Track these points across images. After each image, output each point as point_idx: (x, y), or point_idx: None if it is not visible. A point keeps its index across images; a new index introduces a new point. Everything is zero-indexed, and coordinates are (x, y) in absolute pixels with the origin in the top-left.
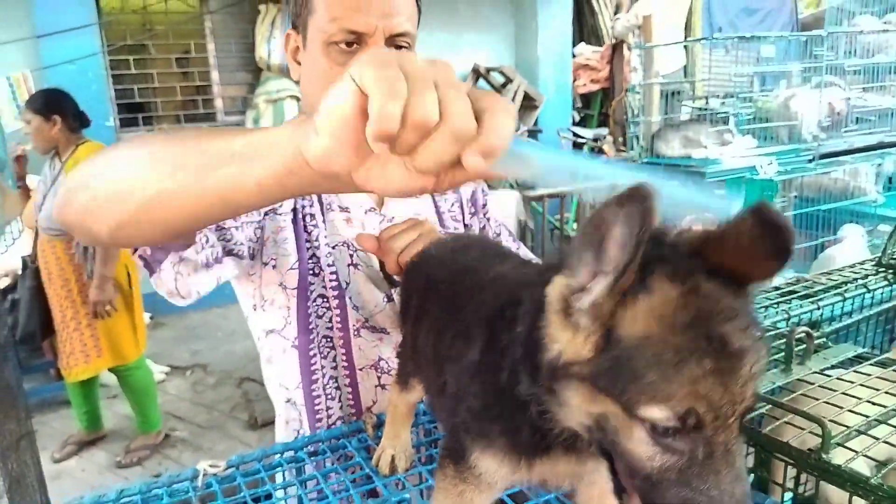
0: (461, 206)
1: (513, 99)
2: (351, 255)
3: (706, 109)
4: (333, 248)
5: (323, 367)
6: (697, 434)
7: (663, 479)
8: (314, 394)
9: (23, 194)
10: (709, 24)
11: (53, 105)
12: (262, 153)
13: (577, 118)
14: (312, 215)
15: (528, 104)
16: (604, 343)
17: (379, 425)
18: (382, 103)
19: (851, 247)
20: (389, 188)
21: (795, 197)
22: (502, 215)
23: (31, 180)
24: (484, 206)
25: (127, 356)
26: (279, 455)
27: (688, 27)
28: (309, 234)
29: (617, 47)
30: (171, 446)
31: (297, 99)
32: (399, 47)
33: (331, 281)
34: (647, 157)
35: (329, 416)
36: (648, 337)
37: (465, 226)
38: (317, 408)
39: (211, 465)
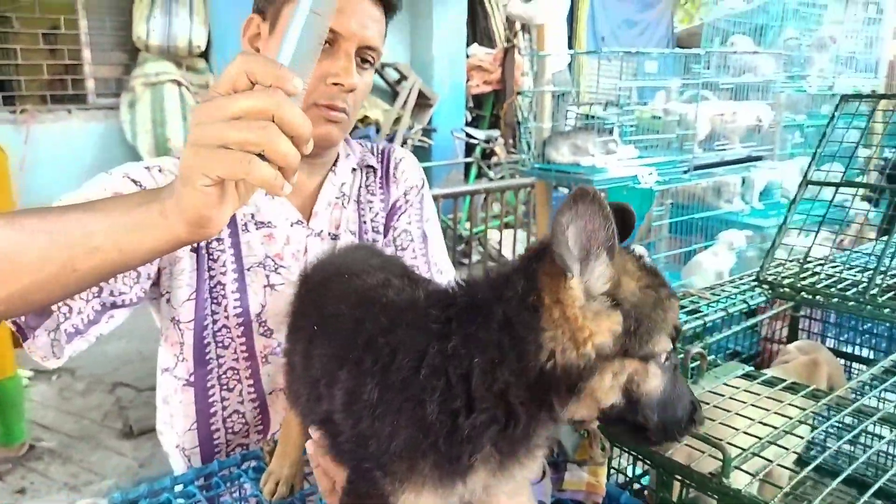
0: (385, 217)
1: (407, 96)
2: (268, 276)
3: (592, 117)
4: (248, 269)
5: (225, 399)
6: (674, 350)
7: (670, 397)
8: (213, 428)
9: None
10: (592, 33)
11: None
12: (123, 242)
13: (470, 118)
14: (220, 240)
15: (423, 102)
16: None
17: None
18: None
19: (716, 253)
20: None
21: (671, 204)
22: None
23: None
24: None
25: (4, 369)
26: (167, 491)
27: (573, 34)
28: (214, 260)
29: (509, 51)
30: (37, 458)
31: (179, 83)
32: (364, 60)
33: (234, 309)
34: (538, 163)
35: (228, 455)
36: (636, 291)
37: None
38: (216, 442)
39: (90, 502)
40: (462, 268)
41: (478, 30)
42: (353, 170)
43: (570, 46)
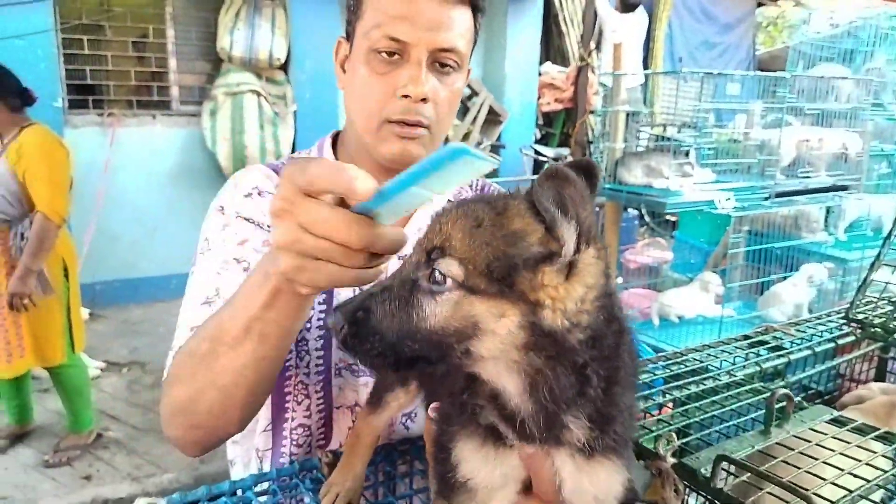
0: None
1: (477, 112)
2: (353, 291)
3: (665, 138)
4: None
5: (294, 410)
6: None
7: None
8: (283, 434)
9: None
10: (670, 54)
11: None
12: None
13: (539, 135)
14: None
15: (493, 119)
16: None
17: (335, 463)
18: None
19: (795, 284)
20: (330, 284)
21: (748, 231)
22: None
23: None
24: None
25: (52, 358)
26: (226, 495)
27: (649, 54)
28: None
29: (582, 69)
30: (104, 447)
31: (258, 94)
32: (444, 64)
33: (317, 321)
34: (610, 184)
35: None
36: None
37: None
38: (282, 450)
39: (149, 502)
40: None
41: (551, 48)
42: (449, 200)
43: (646, 67)
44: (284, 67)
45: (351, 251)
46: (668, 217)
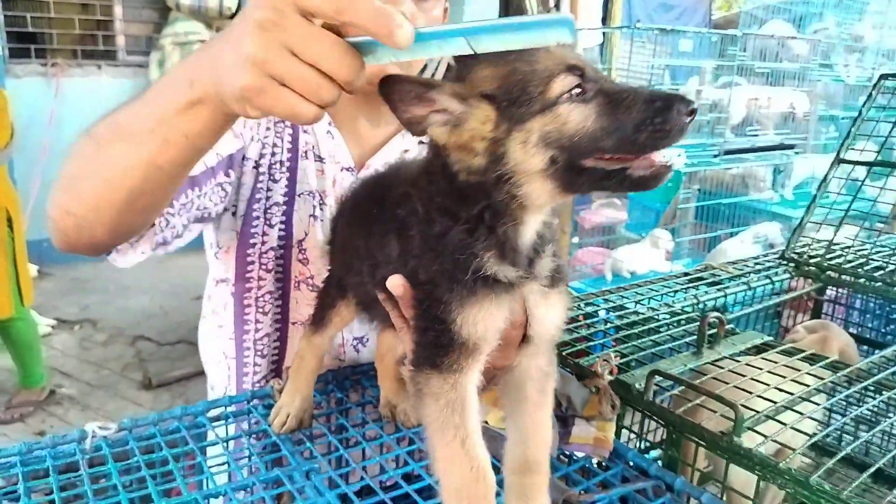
0: None
1: (434, 71)
2: (314, 206)
3: None
4: (299, 195)
5: (259, 321)
6: (582, 79)
7: (611, 113)
8: (244, 346)
9: None
10: (628, 15)
11: None
12: (184, 128)
13: None
14: (281, 163)
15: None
16: None
17: None
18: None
19: (742, 241)
20: (281, 111)
21: (698, 189)
22: None
23: None
24: None
25: (3, 308)
26: (177, 420)
27: (607, 14)
28: (275, 181)
29: None
30: (57, 403)
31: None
32: None
33: (280, 231)
34: None
35: (255, 374)
36: (488, 76)
37: None
38: (245, 361)
39: (101, 427)
40: None
41: (511, 8)
42: (421, 143)
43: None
44: (235, 16)
45: (330, 84)
46: None
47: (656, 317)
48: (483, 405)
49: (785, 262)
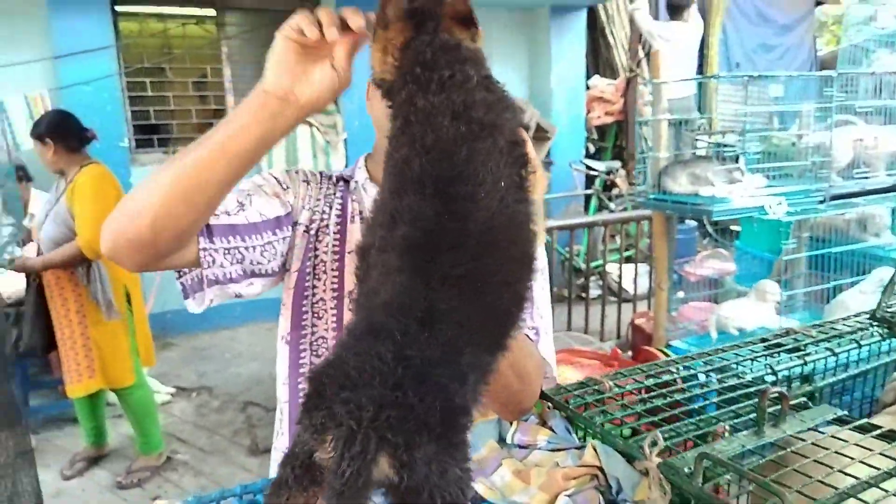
0: None
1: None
2: None
3: (723, 145)
4: (348, 253)
5: (312, 363)
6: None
7: None
8: (298, 390)
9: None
10: (725, 59)
11: (48, 128)
12: (233, 117)
13: (593, 150)
14: (328, 226)
15: (541, 136)
16: None
17: None
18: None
19: (864, 291)
20: (316, 89)
21: (809, 237)
22: None
23: (38, 198)
24: None
25: (119, 380)
26: (236, 497)
27: (704, 60)
28: (319, 241)
29: (631, 80)
30: (173, 469)
31: (310, 125)
32: None
33: (332, 284)
34: (654, 193)
35: None
36: None
37: None
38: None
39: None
40: (580, 302)
41: (600, 61)
42: None
43: (701, 73)
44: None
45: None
46: (730, 227)
47: (719, 390)
48: None
49: (877, 323)
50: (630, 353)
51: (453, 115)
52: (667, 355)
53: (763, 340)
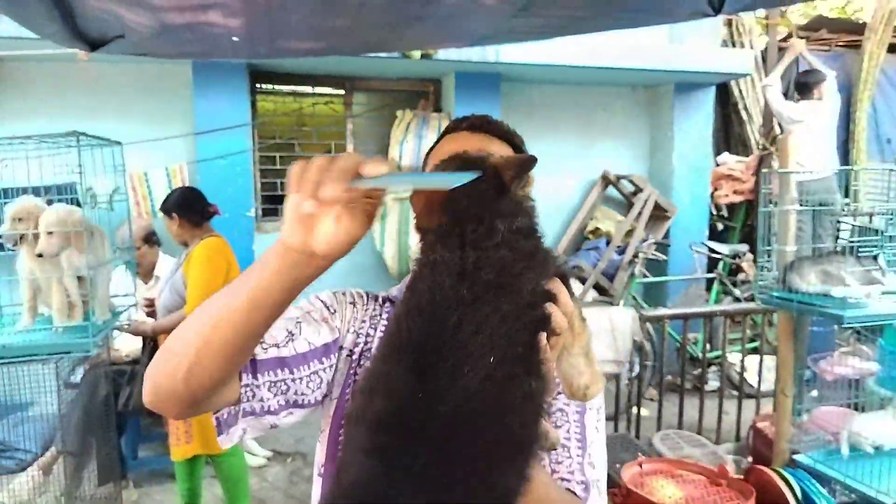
0: None
1: (642, 207)
2: None
3: (873, 231)
4: None
5: None
6: None
7: None
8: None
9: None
10: (875, 136)
11: (175, 204)
12: (259, 267)
13: (720, 228)
14: (370, 349)
15: (659, 215)
16: None
17: None
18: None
19: None
20: (328, 243)
21: None
22: (618, 332)
23: (165, 262)
24: None
25: (215, 446)
26: None
27: (849, 137)
28: (361, 366)
29: (764, 158)
30: None
31: None
32: None
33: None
34: (779, 291)
35: None
36: None
37: None
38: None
39: None
40: (694, 394)
41: (731, 137)
42: None
43: (847, 151)
44: None
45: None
46: None
47: None
48: None
49: None
50: (749, 458)
51: (459, 275)
52: (784, 479)
53: None
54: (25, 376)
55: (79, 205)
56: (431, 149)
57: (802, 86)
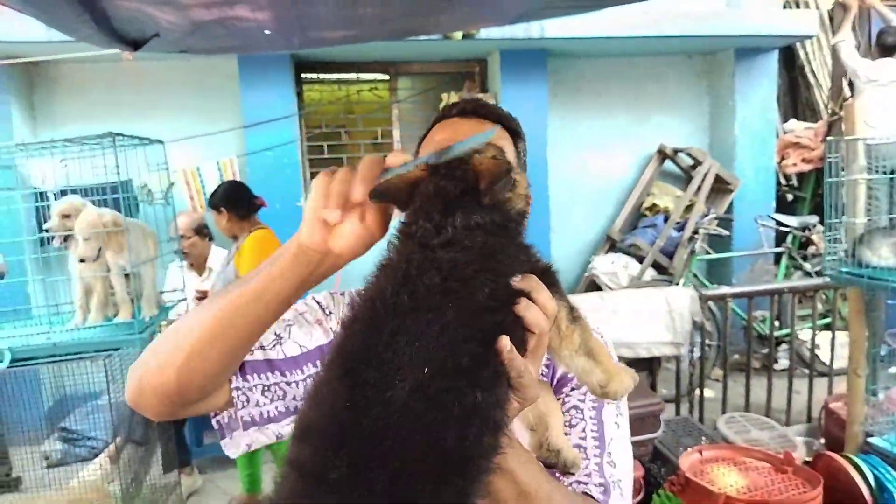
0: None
1: (701, 181)
2: None
3: None
4: None
5: None
6: None
7: None
8: None
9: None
10: None
11: (222, 198)
12: (269, 263)
13: (790, 199)
14: None
15: (721, 188)
16: None
17: None
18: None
19: None
20: (348, 243)
21: None
22: (676, 313)
23: (217, 255)
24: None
25: None
26: None
27: None
28: None
29: (834, 124)
30: None
31: None
32: None
33: None
34: (849, 266)
35: None
36: None
37: None
38: None
39: None
40: (762, 374)
41: (799, 103)
42: None
43: None
44: None
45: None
46: None
47: None
48: None
49: None
50: (821, 440)
51: (403, 279)
52: (856, 466)
53: None
54: (95, 367)
55: (135, 202)
56: (423, 137)
57: (886, 49)
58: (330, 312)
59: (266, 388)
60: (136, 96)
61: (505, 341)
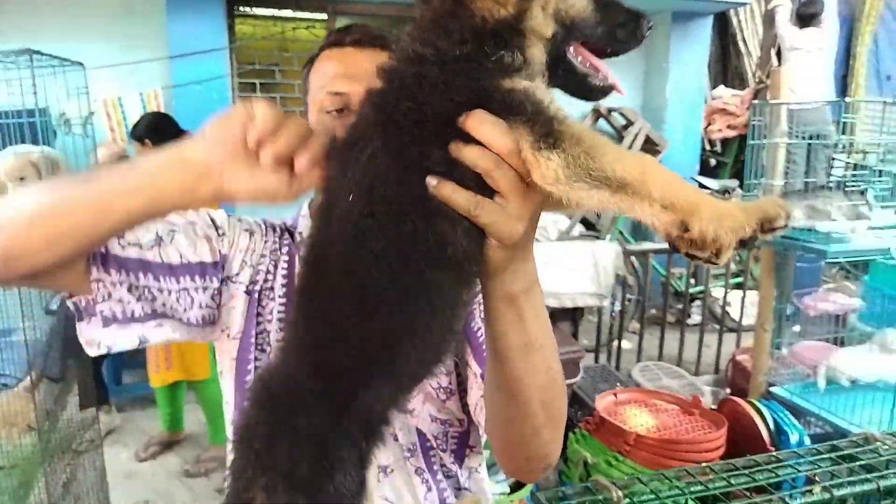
0: None
1: (632, 142)
2: None
3: (864, 167)
4: None
5: None
6: None
7: (601, 8)
8: None
9: None
10: (875, 72)
11: (146, 130)
12: (136, 170)
13: (713, 164)
14: (273, 289)
15: (650, 149)
16: None
17: None
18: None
19: None
20: (254, 189)
21: None
22: (601, 267)
23: None
24: None
25: (195, 373)
26: None
27: (849, 71)
28: (263, 307)
29: (760, 92)
30: None
31: None
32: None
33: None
34: None
35: None
36: None
37: None
38: None
39: None
40: (676, 328)
41: (728, 70)
42: None
43: (846, 86)
44: None
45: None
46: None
47: None
48: None
49: None
50: (727, 390)
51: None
52: (757, 410)
53: (833, 449)
54: (11, 299)
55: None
56: (309, 65)
57: (803, 18)
58: (223, 233)
59: (134, 286)
60: (56, 18)
61: (430, 179)
